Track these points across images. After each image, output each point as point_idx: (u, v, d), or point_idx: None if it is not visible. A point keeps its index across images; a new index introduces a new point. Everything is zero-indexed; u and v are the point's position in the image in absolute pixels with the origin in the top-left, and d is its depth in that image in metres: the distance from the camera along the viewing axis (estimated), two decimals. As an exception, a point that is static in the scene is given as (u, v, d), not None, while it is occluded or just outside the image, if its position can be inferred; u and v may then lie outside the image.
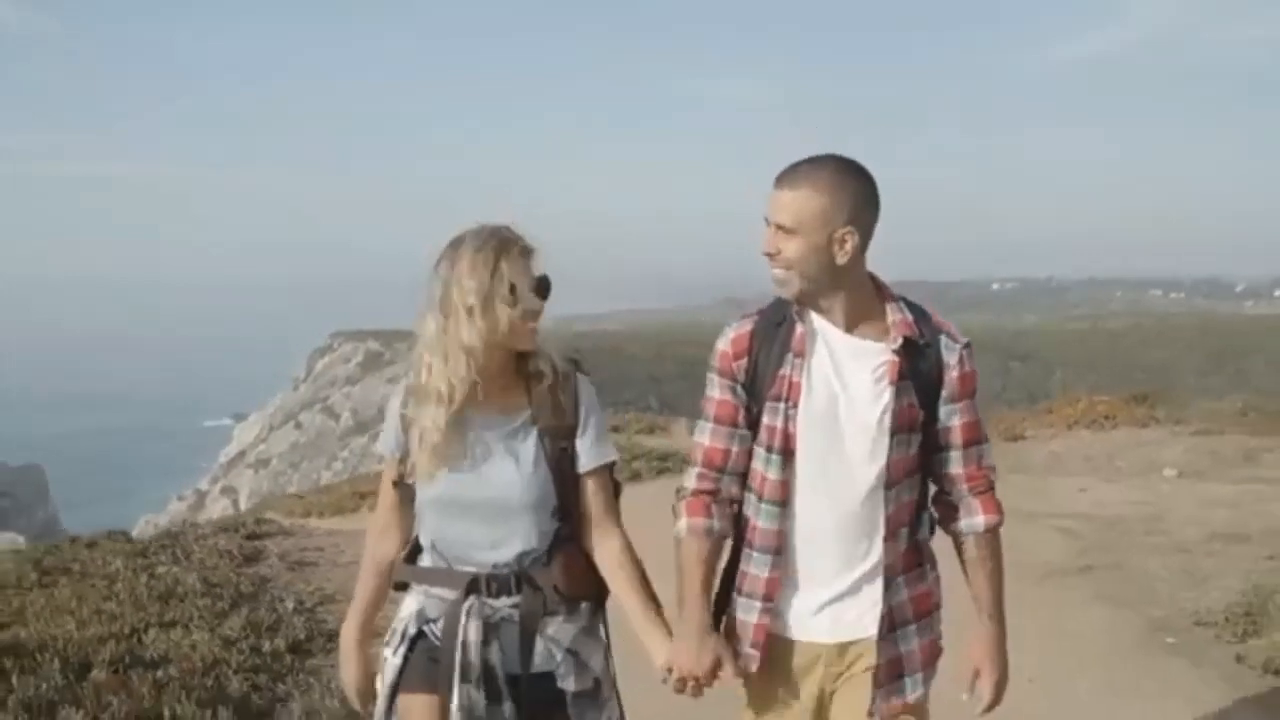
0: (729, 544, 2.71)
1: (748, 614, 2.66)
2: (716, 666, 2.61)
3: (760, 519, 2.64)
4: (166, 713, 4.42)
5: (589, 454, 2.66)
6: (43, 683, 4.59)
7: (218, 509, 56.22)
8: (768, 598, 2.63)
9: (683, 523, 2.65)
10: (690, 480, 2.69)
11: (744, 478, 2.67)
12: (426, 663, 2.64)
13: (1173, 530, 7.84)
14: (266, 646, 5.49)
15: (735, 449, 2.64)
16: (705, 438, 2.68)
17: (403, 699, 2.65)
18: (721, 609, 2.73)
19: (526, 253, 2.56)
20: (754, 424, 2.63)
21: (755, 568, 2.65)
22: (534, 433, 2.62)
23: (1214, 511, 8.41)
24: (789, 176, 2.56)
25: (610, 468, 2.72)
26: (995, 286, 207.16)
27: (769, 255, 2.56)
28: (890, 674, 2.61)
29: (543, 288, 2.56)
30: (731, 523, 2.69)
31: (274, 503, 18.31)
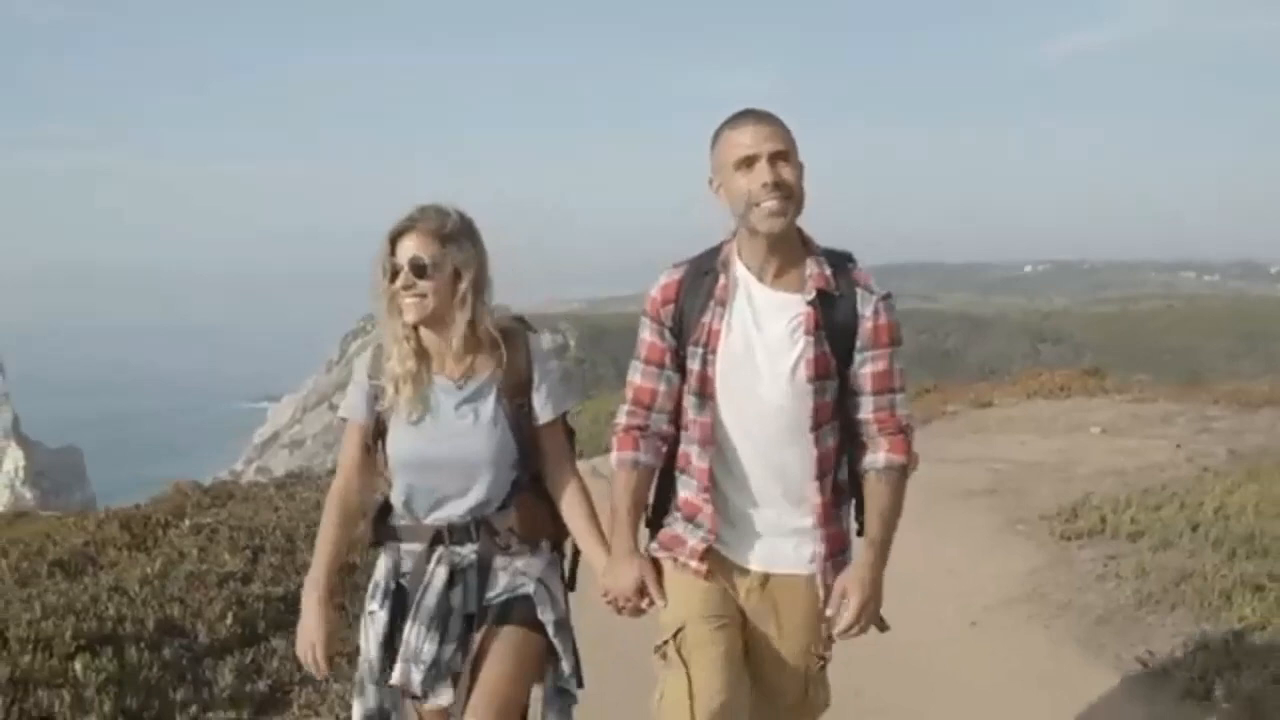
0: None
1: (692, 536, 2.82)
2: (642, 588, 2.79)
3: (695, 457, 2.80)
4: (357, 560, 6.93)
5: (544, 408, 2.88)
6: (275, 544, 7.09)
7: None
8: (712, 529, 2.78)
9: (613, 456, 2.85)
10: (621, 416, 2.86)
11: (674, 415, 2.83)
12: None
13: (1074, 469, 10.10)
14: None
15: (662, 388, 2.81)
16: (636, 377, 2.84)
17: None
18: (657, 527, 2.93)
19: (400, 233, 2.77)
20: (682, 366, 2.80)
21: (700, 499, 2.81)
22: (493, 393, 2.83)
23: (1115, 458, 10.65)
24: (754, 113, 2.68)
25: (564, 416, 2.94)
26: (1027, 269, 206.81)
27: (772, 185, 2.60)
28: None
29: (415, 265, 2.73)
30: (659, 455, 2.85)
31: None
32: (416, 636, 2.76)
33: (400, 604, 2.83)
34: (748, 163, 2.61)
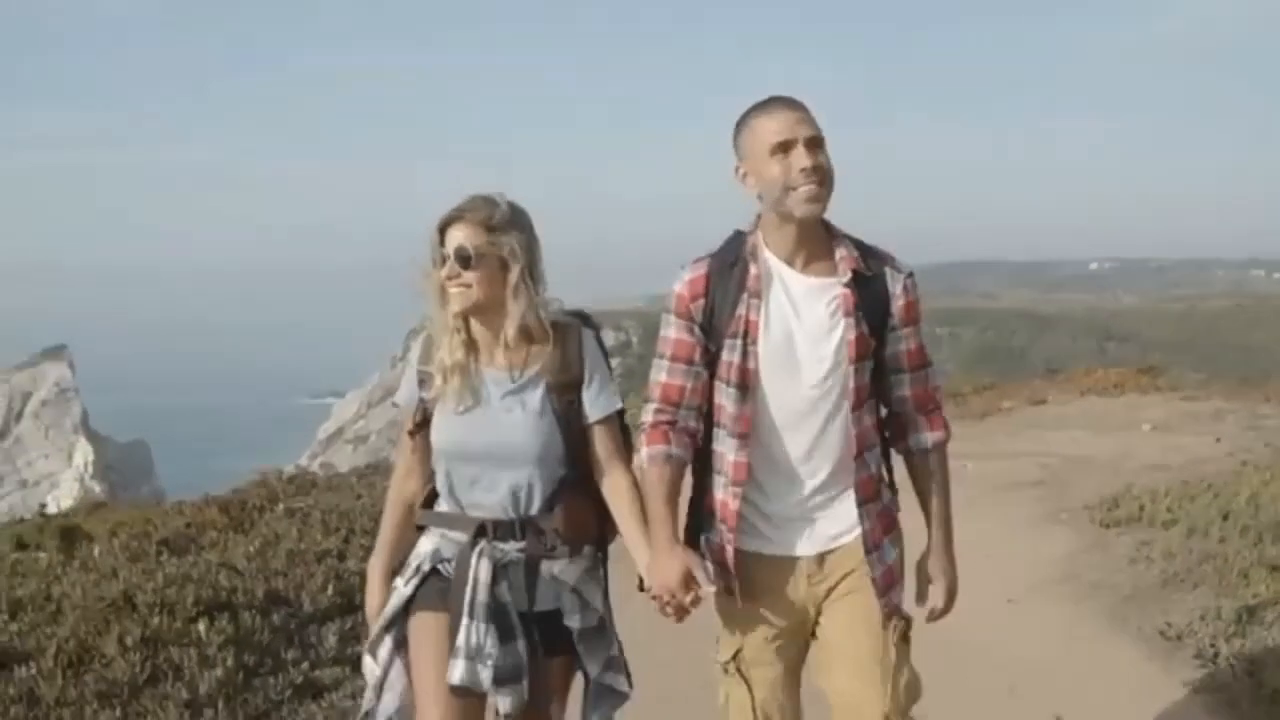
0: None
1: (721, 539, 2.77)
2: (689, 578, 2.65)
3: (728, 451, 2.75)
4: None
5: (594, 406, 2.83)
6: (364, 527, 7.64)
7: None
8: (733, 527, 2.74)
9: (643, 452, 2.76)
10: (648, 415, 2.78)
11: (700, 411, 2.78)
12: (437, 591, 2.81)
13: (1121, 464, 10.42)
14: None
15: (690, 385, 2.75)
16: (662, 375, 2.77)
17: (414, 618, 2.83)
18: (694, 536, 2.84)
19: (449, 223, 2.76)
20: (711, 361, 2.75)
21: (727, 496, 2.76)
22: (542, 386, 2.79)
23: (1165, 453, 10.94)
24: (783, 100, 2.69)
25: (617, 416, 2.90)
26: (1094, 266, 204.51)
27: (811, 170, 2.60)
28: (886, 584, 2.75)
29: (460, 255, 2.72)
30: (690, 450, 2.78)
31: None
32: (478, 633, 2.72)
33: (426, 584, 2.82)
34: (784, 148, 2.62)
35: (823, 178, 2.60)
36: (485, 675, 2.70)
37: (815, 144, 2.61)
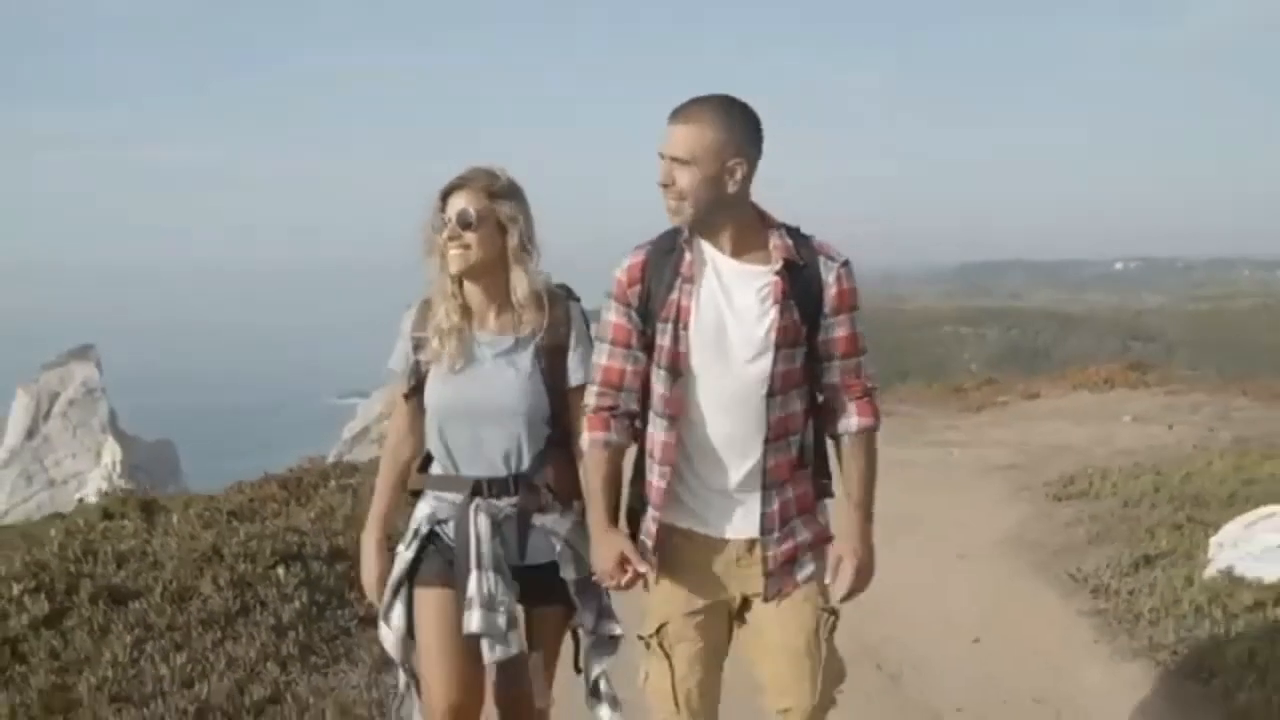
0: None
1: (649, 520, 2.84)
2: (623, 560, 2.80)
3: (658, 431, 2.80)
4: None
5: (577, 371, 2.95)
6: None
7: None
8: (658, 505, 2.81)
9: (584, 438, 2.87)
10: (591, 398, 2.86)
11: (640, 394, 2.85)
12: (440, 561, 2.95)
13: (1094, 450, 11.30)
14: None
15: (630, 368, 2.82)
16: (603, 359, 2.84)
17: (418, 591, 2.98)
18: (634, 517, 2.92)
19: (453, 189, 2.90)
20: (649, 345, 2.79)
21: (654, 477, 2.82)
22: (531, 348, 2.93)
23: (1135, 441, 11.80)
24: (681, 112, 2.68)
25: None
26: (1119, 266, 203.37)
27: (664, 186, 2.68)
28: (784, 561, 2.83)
29: (462, 219, 2.85)
30: (630, 434, 2.88)
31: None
32: (490, 584, 2.85)
33: (426, 552, 2.99)
34: (660, 155, 2.71)
35: (677, 195, 2.69)
36: (502, 621, 2.87)
37: (678, 162, 2.68)
